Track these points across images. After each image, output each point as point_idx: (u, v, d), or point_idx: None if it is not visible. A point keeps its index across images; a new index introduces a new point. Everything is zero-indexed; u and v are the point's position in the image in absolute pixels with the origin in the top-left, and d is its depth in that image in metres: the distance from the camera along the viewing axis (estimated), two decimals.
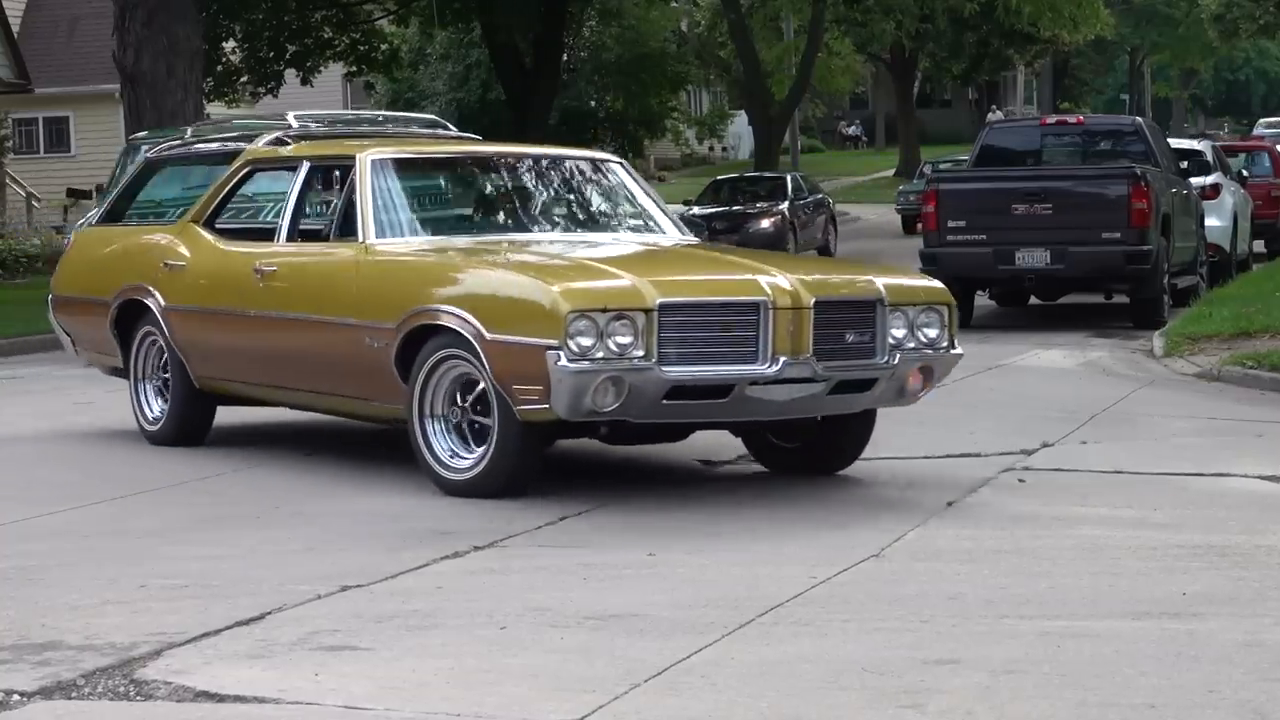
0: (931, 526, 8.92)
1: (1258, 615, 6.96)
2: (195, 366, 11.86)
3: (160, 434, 12.24)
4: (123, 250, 12.67)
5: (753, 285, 9.44)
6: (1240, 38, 65.24)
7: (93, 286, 12.79)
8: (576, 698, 5.93)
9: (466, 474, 9.85)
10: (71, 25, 45.59)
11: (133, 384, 12.47)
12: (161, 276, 12.08)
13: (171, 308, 11.96)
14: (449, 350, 9.80)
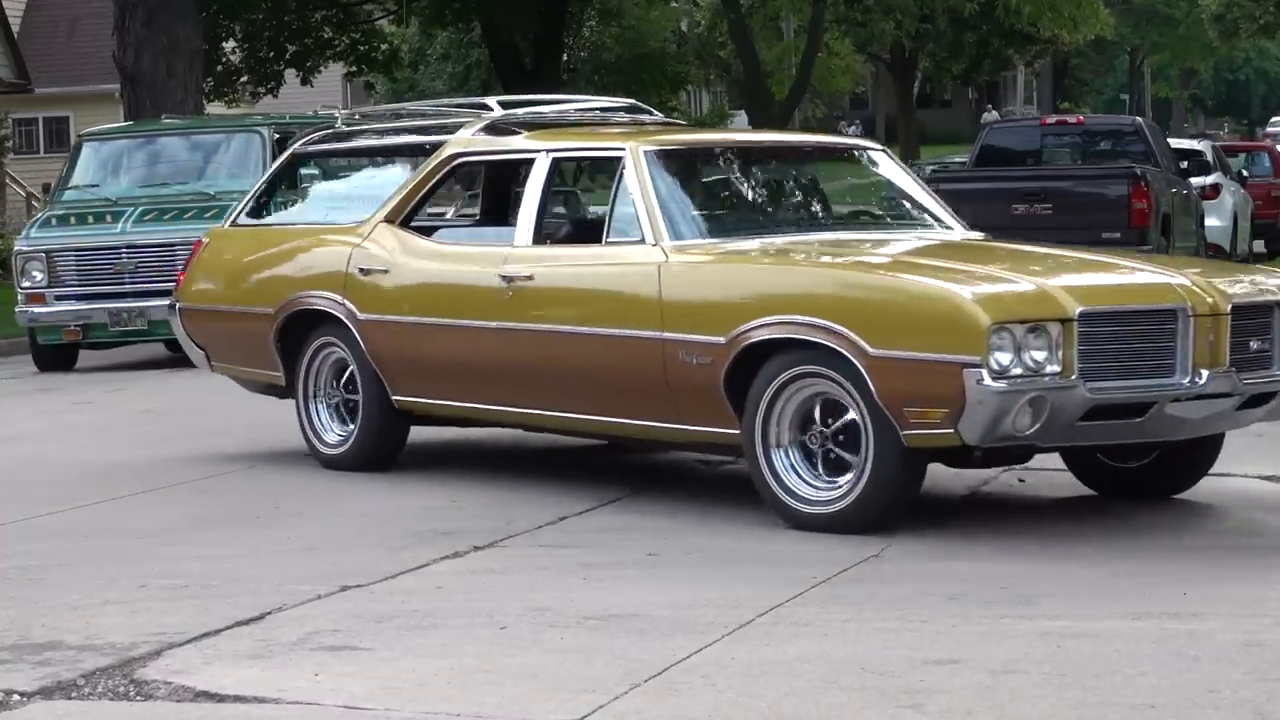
0: (931, 527, 8.91)
1: (1258, 615, 6.96)
2: (397, 384, 10.54)
3: (344, 458, 10.90)
4: (288, 254, 11.30)
5: (1167, 290, 8.46)
6: (1240, 38, 65.24)
7: (243, 295, 11.43)
8: (576, 698, 5.93)
9: (830, 507, 8.70)
10: (71, 25, 45.59)
11: (301, 403, 11.14)
12: (354, 284, 10.67)
13: (370, 319, 10.55)
14: (804, 368, 8.63)
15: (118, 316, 18.39)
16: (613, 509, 9.56)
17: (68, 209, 19.19)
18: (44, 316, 18.55)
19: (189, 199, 18.89)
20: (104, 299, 18.46)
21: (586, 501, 9.68)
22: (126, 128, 21.17)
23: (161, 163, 19.84)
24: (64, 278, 18.54)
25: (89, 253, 18.57)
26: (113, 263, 18.47)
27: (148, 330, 18.47)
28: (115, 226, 18.55)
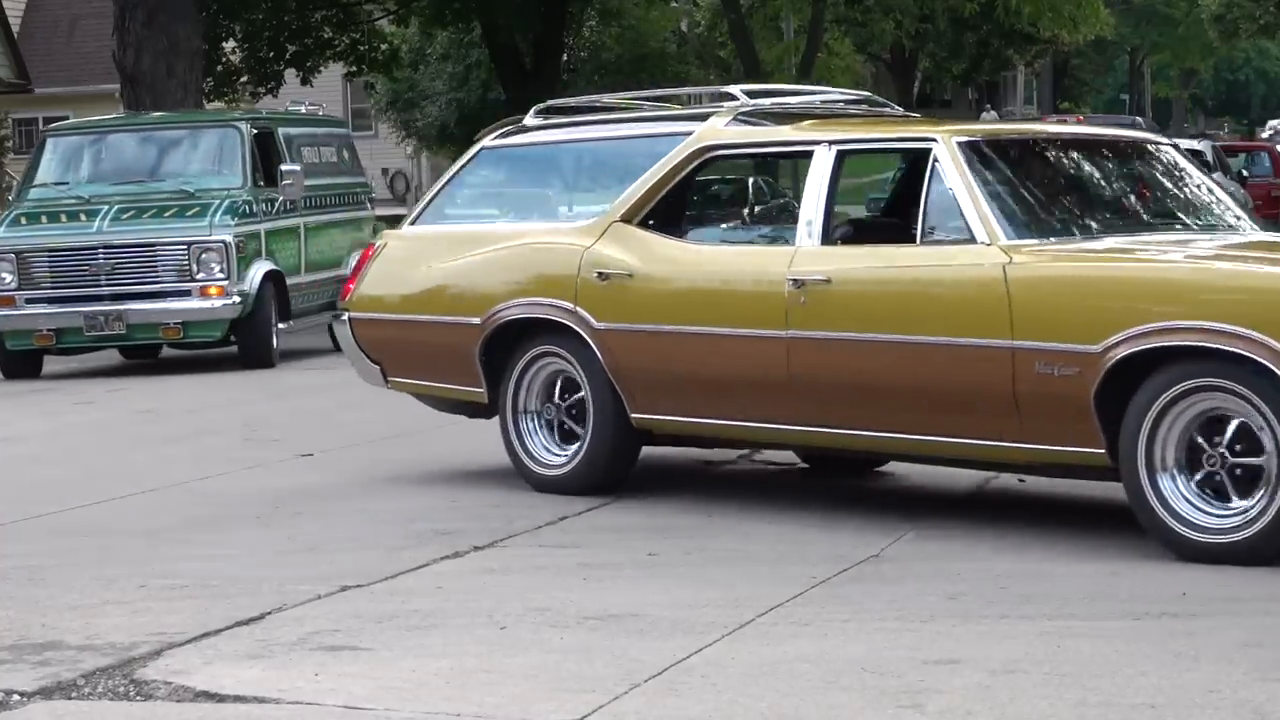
0: (931, 526, 8.91)
1: (1258, 615, 6.96)
2: (638, 400, 9.60)
3: (568, 479, 9.90)
4: (496, 259, 10.15)
5: None
6: (1240, 38, 65.23)
7: (437, 304, 10.31)
8: (576, 698, 5.93)
9: (1234, 535, 7.93)
10: (71, 25, 45.60)
11: (509, 420, 10.07)
12: (589, 290, 9.65)
13: (610, 328, 9.57)
14: (1204, 380, 7.86)
15: (94, 320, 17.50)
16: (613, 509, 9.56)
17: (37, 207, 18.29)
18: (13, 320, 17.64)
19: (168, 197, 18.12)
20: (79, 302, 17.59)
21: (586, 501, 9.68)
22: (94, 123, 20.35)
23: (135, 159, 18.97)
24: (36, 279, 17.66)
25: (63, 253, 17.68)
26: (89, 263, 17.61)
27: (126, 335, 17.75)
28: (91, 225, 17.71)
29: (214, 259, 17.54)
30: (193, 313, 17.60)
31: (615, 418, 9.72)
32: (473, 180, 10.91)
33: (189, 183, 18.27)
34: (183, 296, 17.61)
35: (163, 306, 17.59)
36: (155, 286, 17.63)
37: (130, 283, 17.58)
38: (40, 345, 17.81)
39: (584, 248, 9.76)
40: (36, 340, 17.70)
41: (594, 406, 9.76)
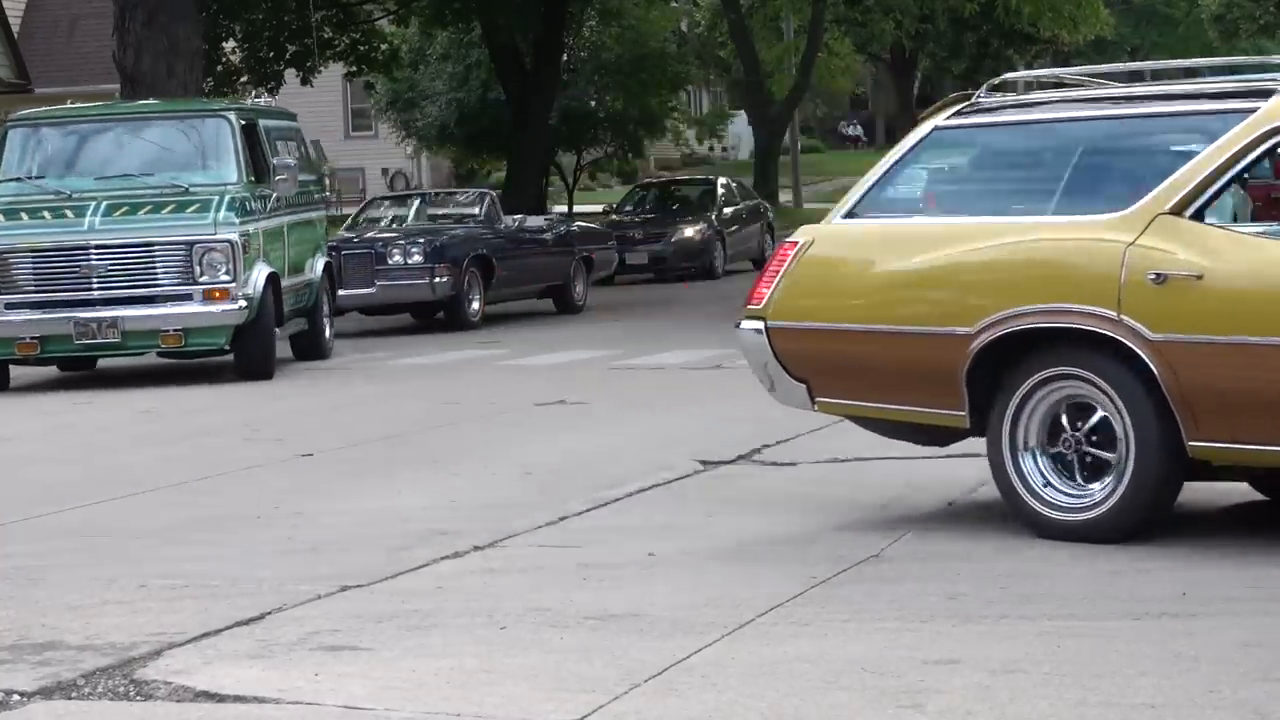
0: (931, 526, 8.91)
1: (1258, 615, 6.96)
2: (1203, 424, 8.09)
3: (1098, 525, 8.34)
4: (984, 258, 8.56)
5: None
6: (1240, 38, 65.19)
7: (900, 312, 8.70)
8: (576, 698, 5.93)
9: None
10: (71, 25, 45.57)
11: (1007, 455, 8.56)
12: (1139, 294, 8.09)
13: (1173, 340, 8.03)
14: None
15: (85, 327, 16.18)
16: (613, 509, 9.56)
17: (13, 203, 16.80)
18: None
19: (160, 192, 16.83)
20: (68, 307, 16.24)
21: (586, 501, 9.68)
22: (66, 112, 18.57)
23: (114, 151, 17.56)
24: (18, 283, 16.32)
25: (50, 254, 16.32)
26: (79, 265, 16.27)
27: (120, 343, 16.42)
28: (80, 223, 16.35)
29: (219, 260, 16.34)
30: (194, 318, 16.36)
31: (1162, 448, 8.18)
32: (921, 166, 9.50)
33: (180, 177, 17.03)
34: (182, 301, 16.36)
35: (161, 312, 16.36)
36: (152, 290, 16.39)
37: (125, 286, 16.33)
38: (22, 355, 16.49)
39: (1125, 244, 8.18)
40: (18, 349, 16.37)
41: (1133, 435, 8.19)
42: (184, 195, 16.77)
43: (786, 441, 11.65)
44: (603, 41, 46.57)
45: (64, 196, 16.76)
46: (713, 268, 31.75)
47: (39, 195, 16.91)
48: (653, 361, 17.34)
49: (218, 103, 20.35)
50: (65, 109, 19.01)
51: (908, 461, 10.95)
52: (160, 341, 16.49)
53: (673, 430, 12.46)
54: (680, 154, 66.72)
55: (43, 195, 16.91)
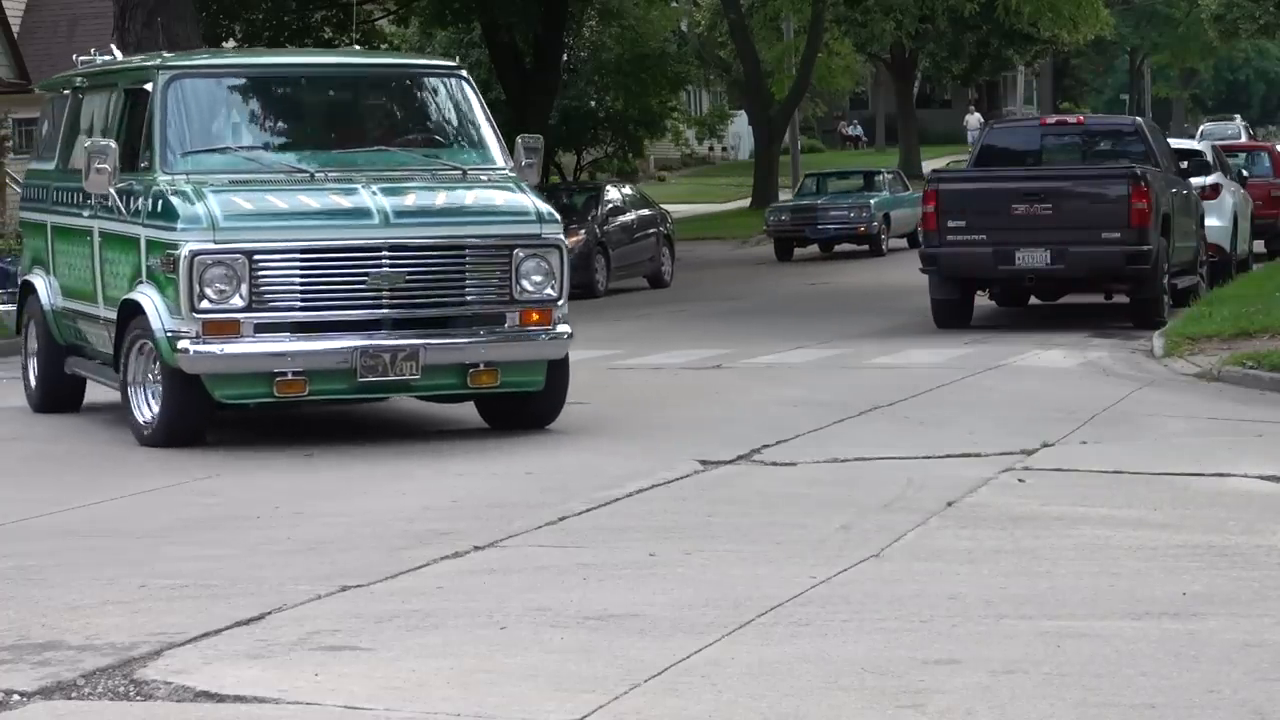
0: (931, 526, 8.91)
1: (1258, 615, 6.96)
2: None
3: None
4: None
5: None
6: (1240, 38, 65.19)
7: None
8: (576, 698, 5.93)
9: None
10: (71, 25, 45.58)
11: None
12: None
13: None
14: None
15: (374, 360, 11.71)
16: (613, 509, 9.56)
17: (242, 184, 12.17)
18: (238, 360, 11.68)
19: (437, 176, 12.65)
20: (348, 331, 11.79)
21: (586, 501, 9.68)
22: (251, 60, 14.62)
23: (330, 116, 13.48)
24: (277, 297, 11.72)
25: (327, 257, 11.78)
26: (366, 273, 11.81)
27: (417, 381, 11.94)
28: (366, 215, 11.89)
29: (544, 269, 12.22)
30: (513, 348, 12.13)
31: None
32: None
33: (439, 155, 12.96)
34: (494, 324, 12.14)
35: (471, 341, 12.05)
36: (458, 309, 12.10)
37: (426, 303, 11.97)
38: (284, 395, 11.81)
39: None
40: (279, 389, 11.73)
41: None
42: (476, 182, 12.65)
43: (786, 441, 11.65)
44: (603, 41, 46.58)
45: (306, 177, 12.30)
46: (591, 284, 27.85)
47: (268, 174, 12.39)
48: None
49: (442, 59, 15.37)
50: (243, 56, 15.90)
51: (908, 461, 10.96)
52: (468, 381, 12.04)
53: (672, 431, 12.45)
54: (680, 154, 66.77)
55: (273, 174, 12.40)
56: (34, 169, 15.39)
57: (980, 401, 13.89)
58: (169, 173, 12.23)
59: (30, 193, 15.35)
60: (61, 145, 14.40)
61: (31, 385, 14.82)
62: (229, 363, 11.72)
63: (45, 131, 15.17)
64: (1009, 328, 20.76)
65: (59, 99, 14.89)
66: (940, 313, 20.93)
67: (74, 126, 14.21)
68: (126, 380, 12.46)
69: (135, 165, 12.55)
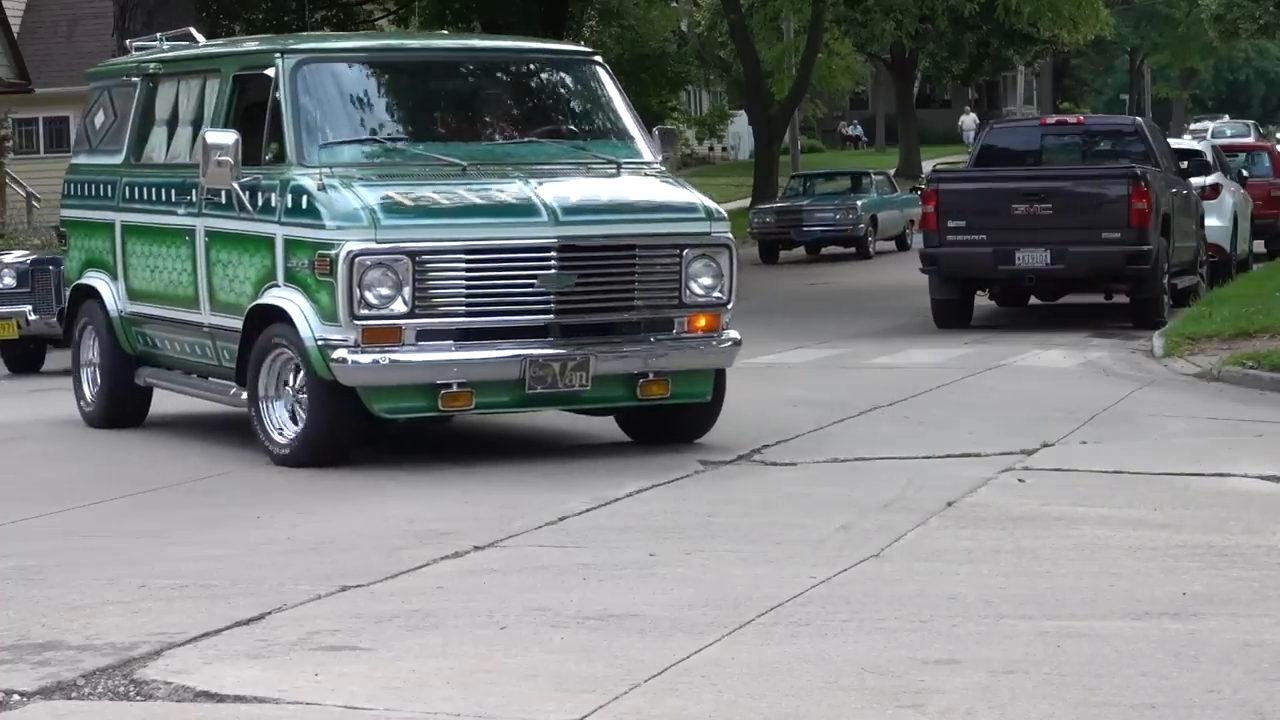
0: (931, 526, 8.91)
1: (1258, 615, 6.96)
2: None
3: None
4: None
5: None
6: (1240, 38, 65.23)
7: None
8: (576, 698, 5.93)
9: None
10: (71, 25, 45.58)
11: None
12: None
13: None
14: None
15: (543, 370, 10.84)
16: (613, 509, 9.56)
17: (392, 177, 11.19)
18: (403, 370, 10.70)
19: (592, 167, 11.70)
20: (515, 338, 10.92)
21: (586, 501, 9.68)
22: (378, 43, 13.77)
23: (466, 104, 12.45)
24: (443, 300, 10.80)
25: (494, 258, 10.88)
26: (535, 275, 10.93)
27: (586, 393, 11.08)
28: (534, 211, 10.97)
29: (714, 270, 11.39)
30: (685, 356, 11.32)
31: None
32: None
33: (588, 147, 11.96)
34: (663, 330, 11.32)
35: (642, 348, 11.22)
36: (626, 313, 11.24)
37: (596, 308, 11.13)
38: (449, 409, 10.99)
39: None
40: (444, 402, 10.81)
41: None
42: (634, 176, 11.77)
43: (786, 441, 11.65)
44: (603, 41, 46.59)
45: (457, 170, 11.27)
46: None
47: (414, 167, 11.37)
48: None
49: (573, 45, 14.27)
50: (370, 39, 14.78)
51: (908, 461, 10.97)
52: (638, 392, 11.20)
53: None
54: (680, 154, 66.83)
55: (420, 167, 11.37)
56: (86, 163, 13.94)
57: (980, 401, 13.89)
58: (308, 166, 11.14)
59: (80, 189, 13.88)
60: (132, 137, 13.19)
61: (87, 399, 13.54)
62: (391, 373, 10.67)
63: (101, 122, 13.82)
64: (1009, 328, 20.77)
65: (119, 87, 13.66)
66: (940, 313, 20.94)
67: (147, 116, 13.13)
68: (257, 394, 11.30)
69: (256, 158, 11.45)
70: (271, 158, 11.43)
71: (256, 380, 11.34)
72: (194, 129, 12.33)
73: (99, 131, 13.86)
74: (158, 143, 12.97)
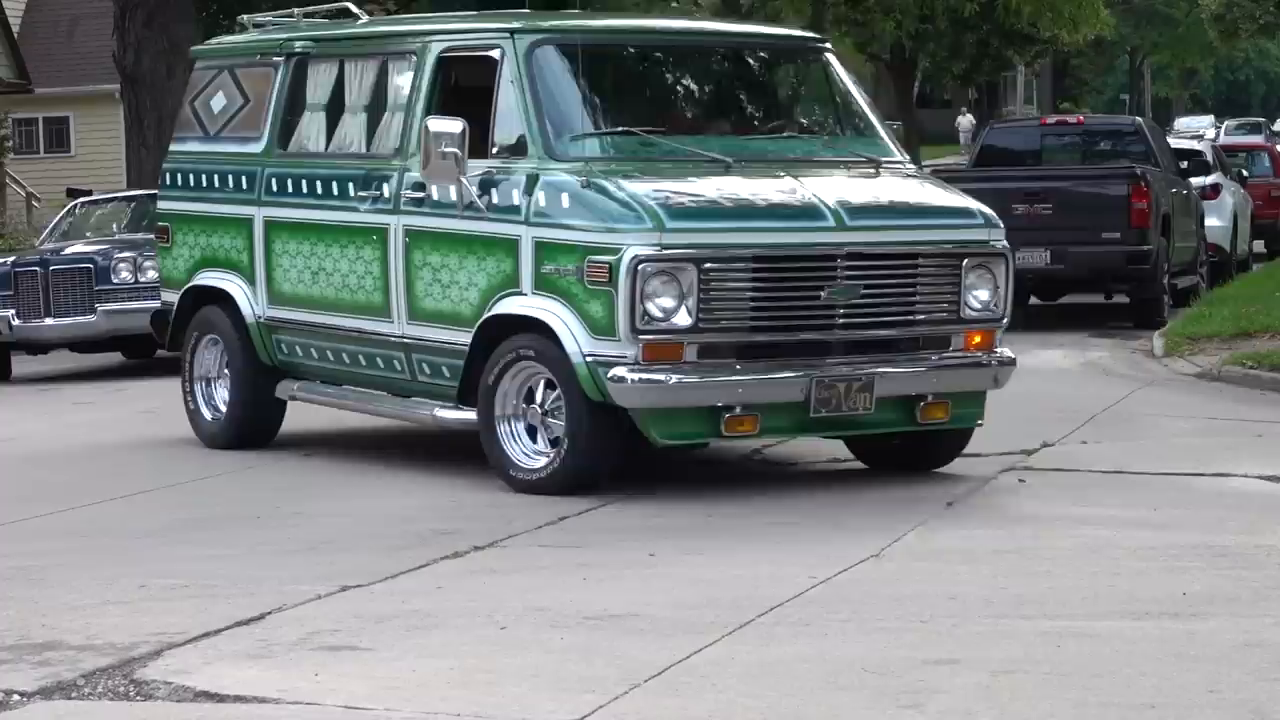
0: (931, 526, 8.91)
1: (1258, 615, 6.96)
2: None
3: None
4: None
5: None
6: (1240, 38, 65.22)
7: None
8: (576, 698, 5.93)
9: None
10: (71, 25, 45.59)
11: None
12: None
13: None
14: None
15: (829, 391, 9.74)
16: (613, 509, 9.56)
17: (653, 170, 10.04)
18: (688, 391, 9.56)
19: (851, 165, 10.61)
20: (795, 356, 9.79)
21: (586, 501, 9.67)
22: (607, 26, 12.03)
23: (714, 93, 11.44)
24: (725, 314, 9.65)
25: (784, 265, 9.76)
26: (820, 284, 9.81)
27: (869, 418, 10.00)
28: (817, 214, 9.86)
29: (991, 282, 10.47)
30: (962, 376, 10.39)
31: None
32: None
33: (839, 144, 10.98)
34: (940, 347, 10.33)
35: (928, 370, 10.21)
36: (908, 330, 10.23)
37: (876, 322, 10.04)
38: (731, 436, 9.82)
39: None
40: (728, 426, 9.62)
41: None
42: (896, 177, 10.76)
43: (787, 442, 11.65)
44: None
45: (721, 167, 10.15)
46: None
47: (675, 162, 10.26)
48: None
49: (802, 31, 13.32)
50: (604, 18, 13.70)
51: None
52: (917, 416, 10.17)
53: None
54: None
55: (682, 163, 10.25)
56: (202, 150, 12.48)
57: None
58: (559, 160, 10.00)
59: (194, 179, 12.41)
60: (276, 123, 11.82)
61: (204, 416, 12.17)
62: (676, 395, 9.53)
63: (222, 107, 12.34)
64: (1009, 328, 20.73)
65: (248, 67, 12.26)
66: None
67: (296, 100, 11.75)
68: (493, 415, 10.10)
69: (482, 150, 10.27)
70: (502, 150, 10.27)
71: (492, 399, 10.10)
72: (370, 116, 11.17)
73: (219, 116, 12.37)
74: (314, 130, 11.60)
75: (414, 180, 10.57)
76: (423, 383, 10.72)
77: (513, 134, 10.23)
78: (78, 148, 46.37)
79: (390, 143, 10.89)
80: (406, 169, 10.68)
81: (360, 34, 11.74)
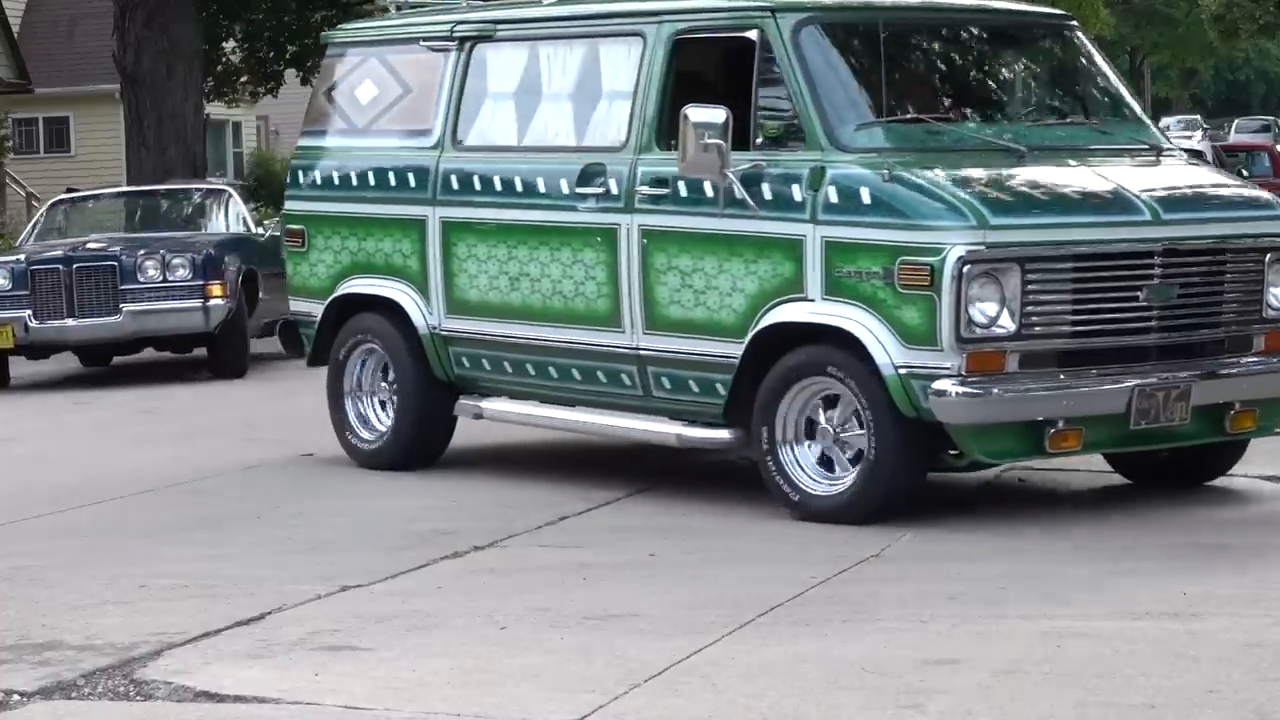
0: (931, 526, 8.90)
1: (1258, 615, 6.96)
2: None
3: None
4: None
5: None
6: (1240, 38, 65.22)
7: None
8: (576, 698, 5.93)
9: None
10: (71, 25, 45.61)
11: None
12: None
13: None
14: None
15: (1149, 402, 8.98)
16: (613, 509, 9.56)
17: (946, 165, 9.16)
18: (1012, 405, 8.75)
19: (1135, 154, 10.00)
20: (1111, 363, 9.03)
21: (586, 501, 9.68)
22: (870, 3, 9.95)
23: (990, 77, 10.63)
24: (1047, 319, 8.89)
25: (1103, 265, 9.01)
26: (1139, 286, 9.01)
27: (1184, 429, 9.22)
28: (1133, 208, 9.11)
29: None
30: (1271, 382, 9.56)
31: None
32: None
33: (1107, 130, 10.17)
34: (1242, 349, 9.49)
35: (1242, 375, 9.46)
36: (1214, 331, 9.39)
37: (1189, 324, 9.25)
38: (1055, 452, 8.97)
39: None
40: (1051, 444, 8.82)
41: None
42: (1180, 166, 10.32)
43: None
44: None
45: (1014, 158, 9.36)
46: None
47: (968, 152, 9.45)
48: None
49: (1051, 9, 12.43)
50: None
51: None
52: (1227, 425, 9.41)
53: None
54: None
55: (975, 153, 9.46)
56: (346, 146, 11.38)
57: None
58: (848, 150, 9.11)
59: (336, 178, 11.31)
60: (450, 114, 10.73)
61: (362, 436, 11.19)
62: (1001, 408, 8.71)
63: (372, 97, 11.27)
64: None
65: (402, 53, 11.19)
66: None
67: (475, 89, 10.73)
68: (774, 438, 9.21)
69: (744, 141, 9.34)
70: (768, 140, 9.39)
71: (772, 420, 9.20)
72: (578, 105, 10.24)
73: (366, 108, 11.28)
74: (501, 121, 10.60)
75: (651, 175, 9.64)
76: (659, 399, 9.78)
77: (780, 123, 9.39)
78: (78, 148, 46.38)
79: (614, 134, 9.90)
80: (639, 162, 9.73)
81: (558, 15, 10.58)
